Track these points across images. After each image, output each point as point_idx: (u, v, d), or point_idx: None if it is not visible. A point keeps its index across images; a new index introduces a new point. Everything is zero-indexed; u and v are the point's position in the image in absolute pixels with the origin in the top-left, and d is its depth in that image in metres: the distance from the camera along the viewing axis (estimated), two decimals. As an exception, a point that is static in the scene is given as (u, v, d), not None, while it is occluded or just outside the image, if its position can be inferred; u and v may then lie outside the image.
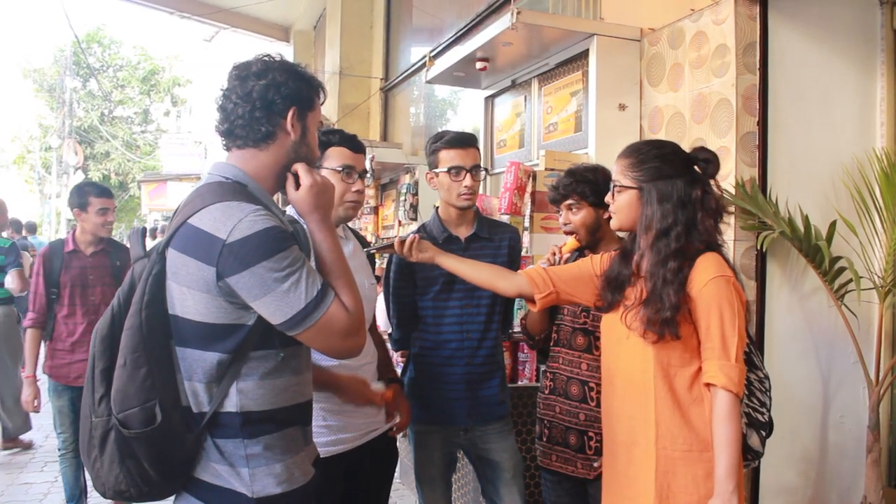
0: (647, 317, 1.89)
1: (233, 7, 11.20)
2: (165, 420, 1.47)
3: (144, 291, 1.51)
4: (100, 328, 1.55)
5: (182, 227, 1.52)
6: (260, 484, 1.55)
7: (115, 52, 28.34)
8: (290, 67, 1.65)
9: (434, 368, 2.62)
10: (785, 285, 3.15)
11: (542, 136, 4.41)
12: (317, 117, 1.71)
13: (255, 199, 1.57)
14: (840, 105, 3.25)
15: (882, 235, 3.02)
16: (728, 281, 1.86)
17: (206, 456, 1.55)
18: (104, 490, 1.54)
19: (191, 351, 1.53)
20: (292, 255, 1.49)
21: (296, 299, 1.48)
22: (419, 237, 2.32)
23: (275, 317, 1.49)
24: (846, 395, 3.18)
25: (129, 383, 1.47)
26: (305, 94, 1.65)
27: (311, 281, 1.50)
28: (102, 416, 1.50)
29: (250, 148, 1.63)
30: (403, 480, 4.76)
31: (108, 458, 1.50)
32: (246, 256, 1.46)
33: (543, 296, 2.18)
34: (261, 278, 1.46)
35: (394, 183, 6.89)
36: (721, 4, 3.16)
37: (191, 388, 1.54)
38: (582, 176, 2.51)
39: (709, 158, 2.00)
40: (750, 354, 2.00)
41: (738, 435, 1.79)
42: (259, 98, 1.59)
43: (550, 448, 2.54)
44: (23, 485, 4.92)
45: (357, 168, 2.30)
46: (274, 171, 1.65)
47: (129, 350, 1.48)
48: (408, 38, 8.34)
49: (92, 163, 26.16)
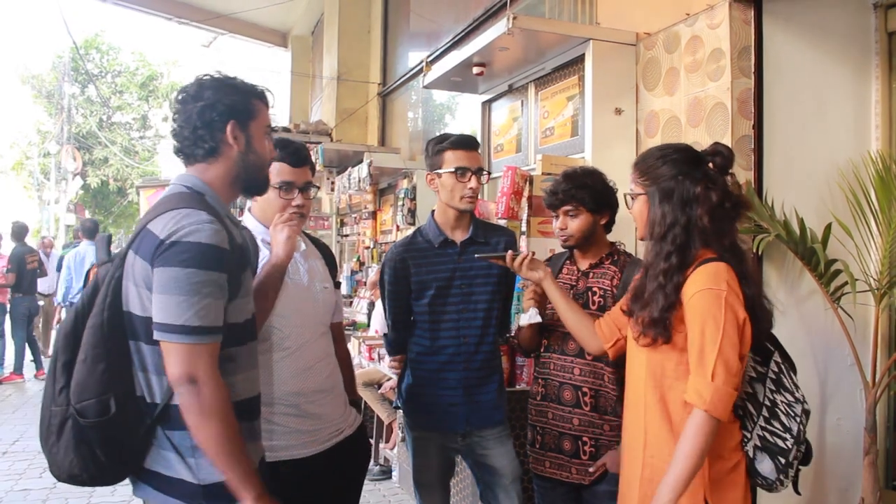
0: (642, 319, 1.89)
1: (231, 13, 11.23)
2: (119, 411, 1.60)
3: (108, 293, 1.64)
4: (63, 325, 1.67)
5: (141, 232, 1.66)
6: (205, 472, 1.66)
7: (114, 58, 28.31)
8: (223, 84, 1.77)
9: (431, 374, 2.62)
10: (781, 288, 3.16)
11: (538, 140, 4.42)
12: (261, 124, 1.82)
13: (212, 208, 1.70)
14: (835, 108, 3.26)
15: (877, 238, 3.03)
16: (717, 295, 1.78)
17: (157, 444, 1.67)
18: (59, 473, 1.65)
19: (142, 345, 1.65)
20: (210, 280, 1.60)
21: (177, 313, 1.57)
22: (533, 255, 2.37)
23: (155, 314, 1.59)
24: (843, 397, 3.18)
25: (88, 377, 1.60)
26: (242, 107, 1.76)
27: (203, 314, 1.58)
28: (61, 405, 1.61)
29: (200, 163, 1.77)
30: (402, 485, 4.76)
31: (63, 444, 1.61)
32: (172, 256, 1.58)
33: (612, 345, 2.21)
34: (170, 278, 1.57)
35: (392, 188, 6.89)
36: (716, 9, 3.17)
37: (145, 380, 1.66)
38: (581, 181, 2.49)
39: (718, 151, 1.94)
40: (780, 375, 1.92)
41: (697, 454, 1.73)
42: (198, 118, 1.72)
43: (543, 454, 2.54)
44: (21, 490, 4.92)
45: (297, 183, 2.27)
46: (226, 180, 1.79)
47: (91, 346, 1.61)
48: (405, 43, 8.36)
49: (90, 168, 26.13)
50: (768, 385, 1.92)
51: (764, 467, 1.88)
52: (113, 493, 4.67)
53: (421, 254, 2.62)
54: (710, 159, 1.95)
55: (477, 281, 2.60)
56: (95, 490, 4.82)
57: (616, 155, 3.58)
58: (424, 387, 2.63)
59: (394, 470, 4.96)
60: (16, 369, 9.05)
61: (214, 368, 1.61)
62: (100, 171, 26.36)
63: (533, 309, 2.47)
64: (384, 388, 4.97)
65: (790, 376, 1.94)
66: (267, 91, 1.86)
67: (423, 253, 2.62)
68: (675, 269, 1.85)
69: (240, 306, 1.73)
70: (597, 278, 2.50)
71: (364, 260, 7.38)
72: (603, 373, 2.44)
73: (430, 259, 2.61)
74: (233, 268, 1.67)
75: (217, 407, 1.59)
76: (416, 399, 2.65)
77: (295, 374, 2.21)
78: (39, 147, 26.93)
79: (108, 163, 26.40)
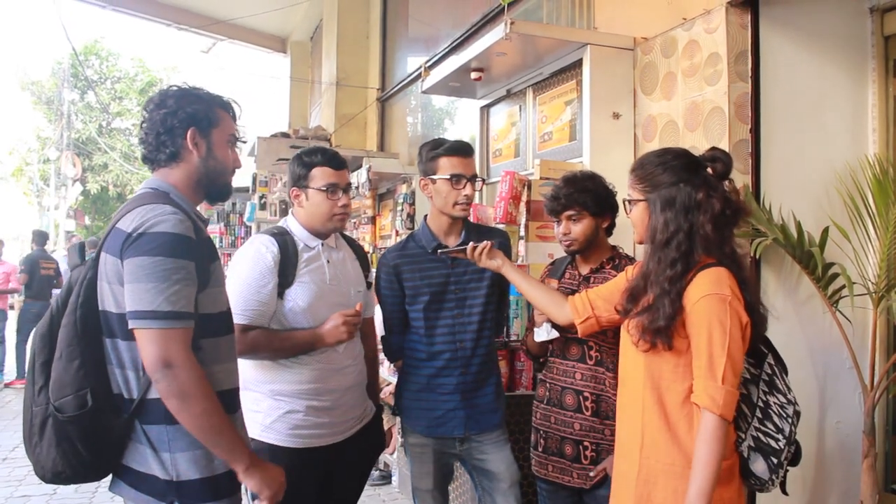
0: (643, 325, 1.89)
1: (230, 18, 11.24)
2: (96, 405, 1.66)
3: (79, 293, 1.70)
4: (39, 327, 1.74)
5: (111, 232, 1.73)
6: (180, 468, 1.71)
7: (113, 64, 28.39)
8: (186, 93, 1.86)
9: (428, 379, 2.62)
10: (779, 292, 3.17)
11: (536, 145, 4.43)
12: (224, 132, 1.90)
13: (177, 204, 1.78)
14: (832, 112, 3.27)
15: (875, 241, 3.04)
16: (722, 300, 1.80)
17: (135, 438, 1.73)
18: (43, 474, 1.72)
19: (118, 342, 1.71)
20: (178, 266, 1.66)
21: (148, 299, 1.63)
22: (492, 245, 2.41)
23: (128, 304, 1.65)
24: (842, 400, 3.19)
25: (64, 374, 1.66)
26: (203, 115, 1.85)
27: (174, 299, 1.64)
28: (41, 405, 1.68)
29: (163, 168, 1.86)
30: (402, 490, 4.76)
31: (46, 442, 1.68)
32: (140, 247, 1.65)
33: (582, 321, 2.22)
34: (138, 267, 1.64)
35: (391, 193, 6.89)
36: (713, 13, 3.18)
37: (122, 375, 1.72)
38: (582, 185, 2.49)
39: (716, 157, 1.95)
40: (773, 377, 1.95)
41: (716, 458, 1.75)
42: (161, 124, 1.82)
43: (546, 458, 2.55)
44: (21, 497, 4.91)
45: (340, 184, 2.46)
46: (189, 184, 1.87)
47: (65, 344, 1.67)
48: (404, 49, 8.38)
49: (90, 174, 26.17)
50: (762, 387, 1.94)
51: (757, 467, 1.90)
52: (112, 499, 4.66)
53: (414, 260, 2.62)
54: (708, 165, 1.95)
55: (471, 286, 2.61)
56: (96, 495, 4.82)
57: (614, 159, 3.58)
58: (421, 392, 2.63)
59: (393, 475, 4.96)
60: (19, 374, 9.08)
61: (189, 352, 1.66)
62: (99, 176, 26.40)
63: (546, 324, 2.46)
64: (383, 393, 4.96)
65: (783, 378, 1.97)
66: (233, 102, 1.95)
67: (417, 259, 2.62)
68: (679, 276, 1.87)
69: (212, 296, 1.80)
70: (598, 283, 2.50)
71: (364, 264, 7.37)
72: (604, 378, 2.44)
73: (423, 265, 2.61)
74: (200, 256, 1.74)
75: (195, 386, 1.65)
76: (413, 405, 2.65)
77: (331, 373, 2.41)
78: (39, 153, 26.96)
79: (107, 169, 26.44)
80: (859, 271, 3.03)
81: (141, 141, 1.89)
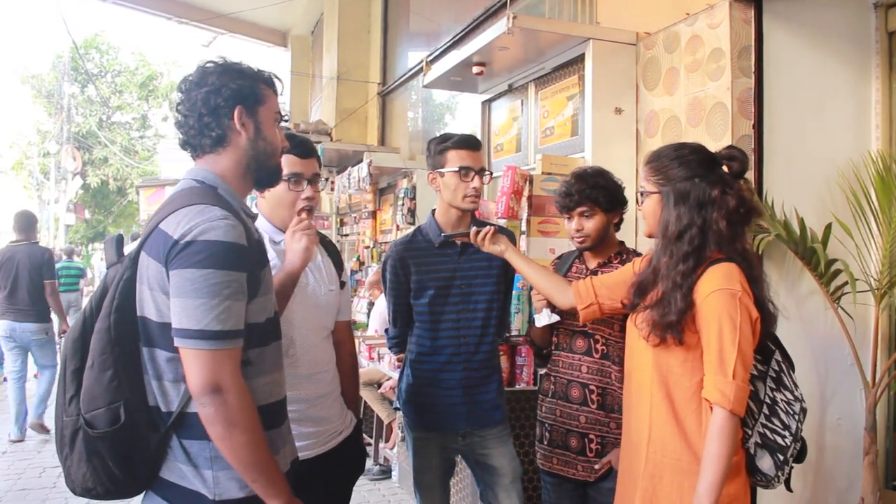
0: (653, 319, 1.89)
1: (230, 12, 11.22)
2: (129, 420, 1.50)
3: (115, 296, 1.54)
4: (72, 331, 1.58)
5: (153, 232, 1.56)
6: (222, 487, 1.55)
7: (114, 58, 28.31)
8: (227, 68, 1.67)
9: (431, 374, 2.61)
10: (781, 288, 3.15)
11: (538, 140, 4.41)
12: (271, 109, 1.72)
13: (226, 203, 1.61)
14: (835, 108, 3.26)
15: (877, 238, 3.03)
16: (732, 295, 1.80)
17: (172, 456, 1.57)
18: (73, 487, 1.57)
19: (158, 351, 1.55)
20: (230, 280, 1.50)
21: (197, 317, 1.47)
22: (495, 230, 2.42)
23: (174, 320, 1.50)
24: (843, 397, 3.18)
25: (96, 385, 1.50)
26: (248, 91, 1.66)
27: (224, 317, 1.49)
28: (72, 415, 1.53)
29: (209, 154, 1.67)
30: (402, 485, 4.76)
31: (76, 456, 1.53)
32: (188, 257, 1.48)
33: (584, 306, 2.22)
34: (187, 280, 1.48)
35: (391, 187, 6.89)
36: (716, 8, 3.17)
37: (160, 387, 1.56)
38: (594, 181, 2.48)
39: (733, 156, 1.95)
40: (780, 374, 1.95)
41: (726, 453, 1.75)
42: (203, 105, 1.63)
43: (551, 451, 2.55)
44: (20, 490, 4.92)
45: (305, 174, 2.23)
46: (238, 171, 1.69)
47: (98, 352, 1.51)
48: (405, 43, 8.36)
49: (90, 168, 26.12)
50: (769, 383, 1.94)
51: (764, 464, 1.90)
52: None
53: (421, 253, 2.62)
54: (725, 162, 1.96)
55: (476, 281, 2.61)
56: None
57: (616, 154, 3.58)
58: (424, 387, 2.63)
59: (393, 470, 4.97)
60: None
61: (238, 375, 1.51)
62: (99, 170, 26.36)
63: (546, 309, 2.47)
64: (384, 387, 4.97)
65: (790, 375, 1.97)
66: (275, 77, 1.76)
67: (423, 253, 2.62)
68: (691, 271, 1.87)
69: (261, 305, 1.63)
70: None
71: (364, 259, 7.39)
72: (610, 371, 2.44)
73: (429, 259, 2.61)
74: (252, 265, 1.58)
75: (243, 416, 1.50)
76: (415, 399, 2.65)
77: (300, 379, 2.16)
78: (39, 147, 26.92)
79: (107, 162, 26.40)
80: (861, 268, 3.03)
81: (179, 125, 1.68)
